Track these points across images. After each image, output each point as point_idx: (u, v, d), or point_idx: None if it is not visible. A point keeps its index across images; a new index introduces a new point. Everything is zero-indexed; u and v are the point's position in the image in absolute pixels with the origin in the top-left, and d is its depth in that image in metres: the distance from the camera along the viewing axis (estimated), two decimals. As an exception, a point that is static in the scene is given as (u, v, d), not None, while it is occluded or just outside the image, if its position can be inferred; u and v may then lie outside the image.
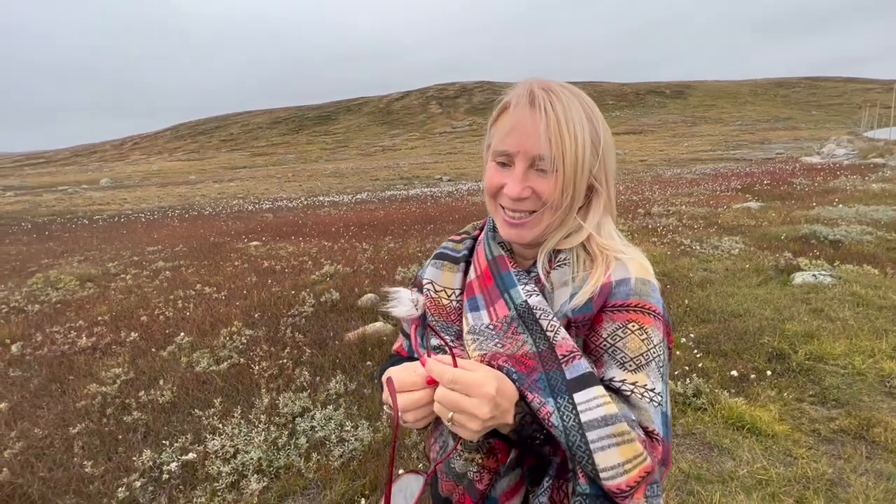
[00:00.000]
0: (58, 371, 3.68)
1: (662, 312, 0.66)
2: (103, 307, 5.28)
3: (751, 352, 3.15)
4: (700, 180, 15.59)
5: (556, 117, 0.63)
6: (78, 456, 2.55)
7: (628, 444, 0.56)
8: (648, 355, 0.63)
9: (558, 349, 0.61)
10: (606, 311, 0.65)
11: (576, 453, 0.57)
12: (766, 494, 1.85)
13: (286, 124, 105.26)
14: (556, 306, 0.66)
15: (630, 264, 0.67)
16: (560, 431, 0.57)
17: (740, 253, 5.82)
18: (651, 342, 0.64)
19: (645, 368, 0.63)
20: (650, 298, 0.65)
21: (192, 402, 3.02)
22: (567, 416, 0.57)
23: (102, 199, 23.23)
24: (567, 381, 0.59)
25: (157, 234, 11.43)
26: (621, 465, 0.56)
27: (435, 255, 0.82)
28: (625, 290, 0.65)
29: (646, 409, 0.61)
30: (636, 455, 0.57)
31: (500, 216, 0.70)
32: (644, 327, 0.64)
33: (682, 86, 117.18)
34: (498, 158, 0.68)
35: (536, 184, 0.65)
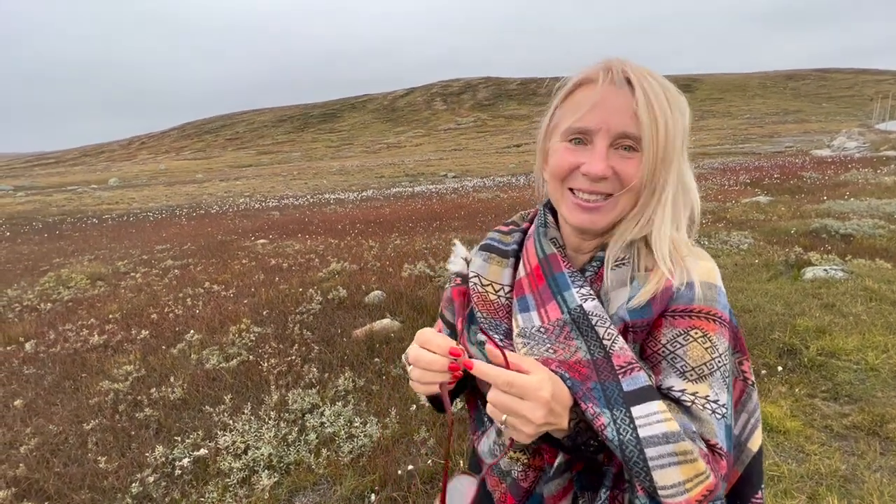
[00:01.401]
0: (71, 368, 3.73)
1: (730, 319, 0.63)
2: (114, 305, 5.34)
3: (761, 347, 3.12)
4: (708, 175, 15.43)
5: (650, 97, 0.59)
6: (92, 452, 2.59)
7: (690, 464, 0.54)
8: (712, 364, 0.60)
9: (615, 359, 0.58)
10: (667, 315, 0.62)
11: (633, 468, 0.54)
12: (779, 491, 1.84)
13: (291, 122, 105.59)
14: (612, 308, 0.62)
15: (695, 266, 0.63)
16: (616, 445, 0.55)
17: (749, 248, 5.76)
18: (716, 350, 0.60)
19: (708, 378, 0.59)
20: (716, 304, 0.62)
21: (202, 399, 3.05)
22: (623, 429, 0.55)
23: (111, 198, 23.47)
24: (624, 393, 0.56)
25: (166, 232, 11.53)
26: (682, 483, 0.53)
27: (481, 245, 0.77)
28: (689, 294, 0.61)
29: (708, 422, 0.58)
30: (698, 474, 0.54)
31: (568, 201, 0.65)
32: (708, 335, 0.60)
33: (690, 79, 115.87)
34: (573, 136, 0.63)
35: (618, 164, 0.61)
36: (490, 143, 55.26)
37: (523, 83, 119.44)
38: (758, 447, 0.67)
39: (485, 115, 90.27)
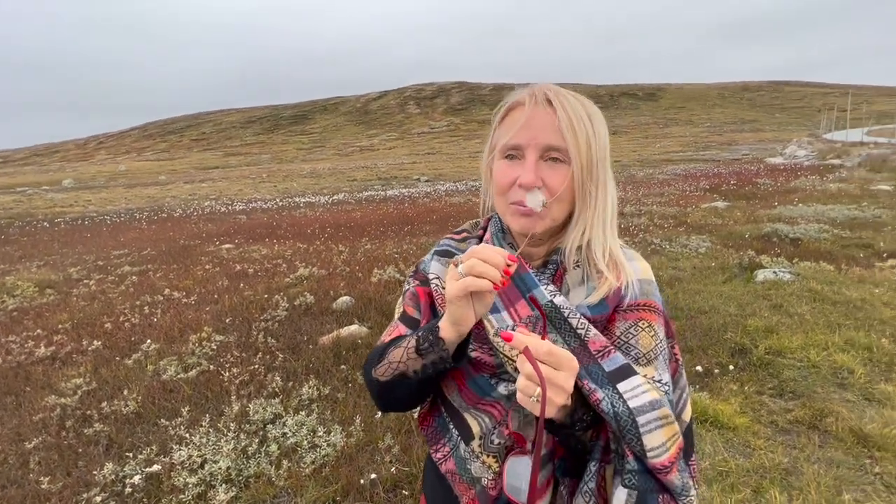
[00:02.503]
0: (13, 383, 3.50)
1: (662, 309, 0.72)
2: (64, 314, 5.05)
3: (715, 347, 3.27)
4: (671, 181, 16.05)
5: (569, 114, 0.67)
6: (34, 472, 2.43)
7: (670, 426, 0.62)
8: (657, 350, 0.68)
9: (591, 345, 0.65)
10: (619, 311, 0.69)
11: (626, 435, 0.61)
12: (726, 485, 1.93)
13: (261, 124, 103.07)
14: (572, 304, 0.69)
15: (636, 266, 0.72)
16: (611, 417, 0.61)
17: (707, 251, 6.02)
18: (658, 337, 0.69)
19: (654, 362, 0.68)
20: (653, 297, 0.71)
21: (158, 412, 2.92)
22: (616, 402, 0.61)
23: (65, 200, 22.23)
24: (607, 373, 0.63)
25: (124, 237, 11.02)
26: (664, 443, 0.61)
27: (437, 251, 0.81)
28: (634, 291, 0.70)
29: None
30: (675, 434, 0.62)
31: (509, 210, 0.71)
32: (652, 324, 0.69)
33: (654, 88, 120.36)
34: (508, 152, 0.70)
35: (547, 174, 0.68)
36: (463, 147, 55.63)
37: (496, 88, 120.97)
38: (689, 418, 0.74)
39: (458, 119, 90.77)
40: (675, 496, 0.62)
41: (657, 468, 0.61)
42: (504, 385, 0.70)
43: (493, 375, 0.71)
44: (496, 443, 0.69)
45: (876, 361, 2.89)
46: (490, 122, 0.76)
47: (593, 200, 0.69)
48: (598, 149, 0.68)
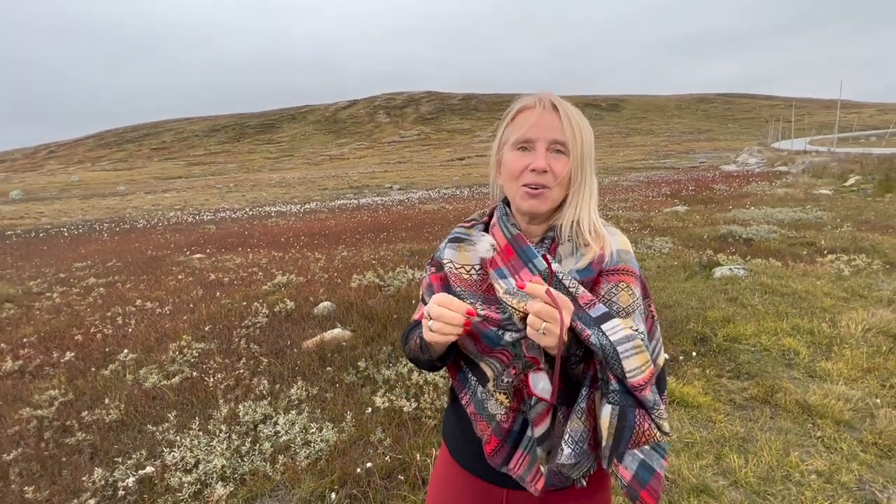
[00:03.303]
0: (-20, 398, 3.37)
1: (639, 273, 0.89)
2: (28, 328, 4.85)
3: (680, 337, 3.54)
4: (635, 187, 16.80)
5: (570, 117, 0.86)
6: (16, 483, 2.39)
7: (643, 353, 0.78)
8: (633, 305, 0.85)
9: (580, 299, 0.82)
10: (603, 274, 0.86)
11: (610, 361, 0.77)
12: (692, 454, 2.13)
13: (225, 132, 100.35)
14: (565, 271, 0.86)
15: (616, 238, 0.89)
16: (598, 348, 0.77)
17: (670, 252, 6.41)
18: (635, 295, 0.86)
19: (632, 315, 0.84)
20: (631, 263, 0.88)
21: (142, 419, 2.90)
22: (601, 337, 0.77)
23: (14, 212, 20.98)
24: (593, 318, 0.80)
25: (85, 249, 10.55)
26: (639, 367, 0.77)
27: (450, 238, 0.98)
28: (615, 258, 0.87)
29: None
30: (647, 360, 0.78)
31: (520, 193, 0.87)
32: (630, 285, 0.85)
33: (616, 99, 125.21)
34: (520, 145, 0.87)
35: (553, 162, 0.85)
36: (434, 155, 56.01)
37: (465, 98, 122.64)
38: (663, 362, 0.90)
39: (428, 128, 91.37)
40: (649, 410, 0.78)
41: (634, 386, 0.77)
42: (509, 334, 0.85)
43: (500, 328, 0.86)
44: (506, 382, 0.86)
45: (818, 343, 3.22)
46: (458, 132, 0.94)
47: (583, 186, 0.87)
48: (588, 146, 0.87)
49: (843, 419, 2.33)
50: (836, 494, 1.86)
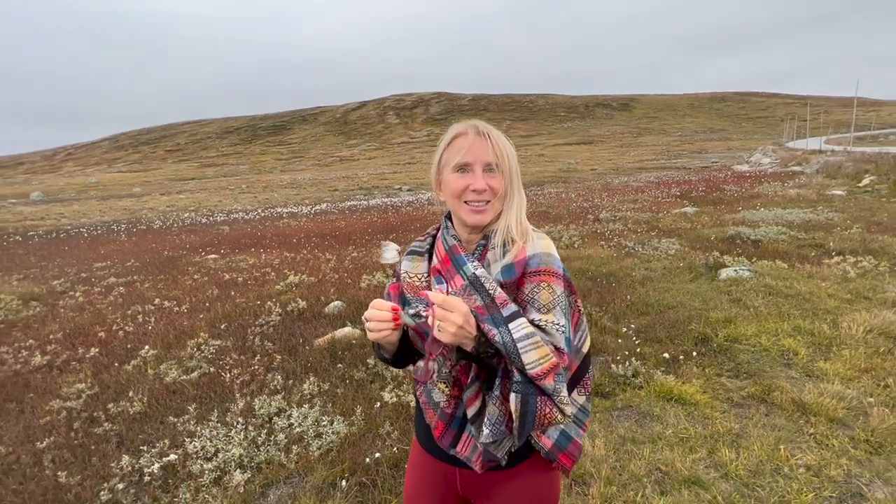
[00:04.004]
0: (12, 390, 3.57)
1: (563, 273, 1.00)
2: (54, 325, 5.08)
3: (681, 337, 3.61)
4: (644, 188, 16.74)
5: (497, 142, 1.02)
6: (49, 468, 2.56)
7: (540, 349, 0.90)
8: (554, 302, 0.97)
9: (497, 300, 0.95)
10: (525, 275, 0.99)
11: (511, 356, 0.90)
12: (686, 448, 2.22)
13: (238, 134, 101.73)
14: (493, 273, 1.01)
15: (538, 243, 1.01)
16: (501, 345, 0.91)
17: (676, 253, 6.44)
18: (555, 293, 0.98)
19: (553, 310, 0.96)
20: (553, 265, 0.99)
21: (164, 411, 3.07)
22: (505, 335, 0.91)
23: (35, 213, 21.59)
24: (504, 317, 0.93)
25: (104, 249, 10.89)
26: (537, 360, 0.89)
27: (408, 252, 1.15)
28: (536, 260, 0.99)
29: (554, 335, 0.95)
30: (545, 355, 0.90)
31: (464, 210, 1.02)
32: (551, 284, 0.98)
33: (628, 99, 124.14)
34: (459, 168, 1.02)
35: (490, 181, 1.01)
36: (443, 156, 56.33)
37: (475, 99, 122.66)
38: (587, 350, 1.08)
39: (438, 129, 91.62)
40: (550, 396, 0.90)
41: (533, 377, 0.89)
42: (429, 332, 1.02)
43: None
44: (444, 373, 1.00)
45: (818, 344, 3.27)
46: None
47: (513, 198, 1.03)
48: (514, 164, 1.03)
49: (836, 417, 2.39)
50: (822, 487, 1.93)
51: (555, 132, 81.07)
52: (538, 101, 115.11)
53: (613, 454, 2.23)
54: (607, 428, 2.49)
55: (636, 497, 1.94)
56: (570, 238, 7.87)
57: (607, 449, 2.26)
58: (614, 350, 3.48)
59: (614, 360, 3.25)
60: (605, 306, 4.46)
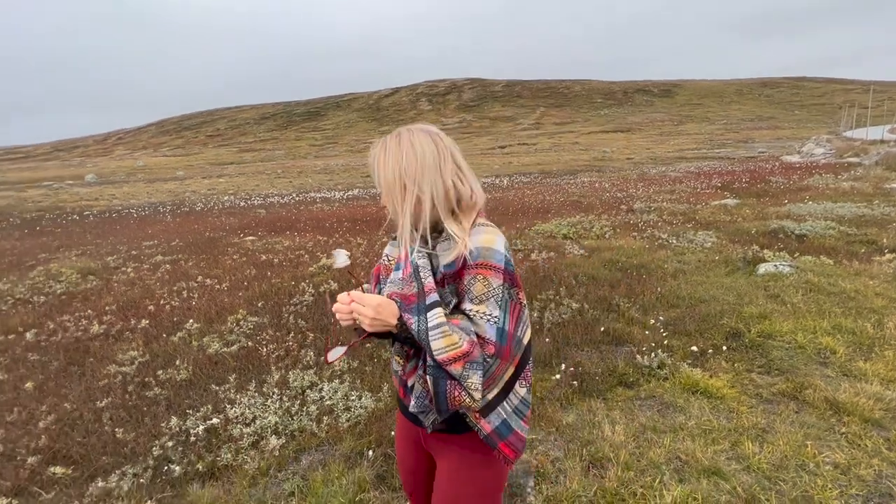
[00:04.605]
0: (74, 355, 3.92)
1: (503, 267, 1.05)
2: (109, 298, 5.49)
3: (711, 331, 3.54)
4: (683, 178, 16.11)
5: (373, 161, 1.10)
6: (108, 425, 2.83)
7: (448, 337, 0.98)
8: (488, 294, 1.03)
9: (425, 289, 1.04)
10: (466, 268, 1.05)
11: (423, 341, 1.01)
12: (708, 440, 2.22)
13: (274, 120, 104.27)
14: (439, 264, 1.09)
15: (479, 237, 1.06)
16: (416, 332, 1.03)
17: (713, 246, 6.24)
18: (491, 286, 1.03)
19: (486, 302, 1.03)
20: (491, 259, 1.04)
21: (207, 380, 3.30)
22: (422, 323, 1.02)
23: (90, 194, 23.03)
24: (425, 305, 1.03)
25: (151, 229, 11.54)
26: (443, 348, 0.98)
27: (392, 238, 1.26)
28: (475, 254, 1.04)
29: (481, 325, 1.03)
30: (451, 343, 0.98)
31: None
32: (487, 277, 1.04)
33: (670, 84, 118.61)
34: None
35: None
36: (475, 144, 55.73)
37: (508, 85, 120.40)
38: (527, 340, 1.12)
39: (470, 115, 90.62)
40: (458, 380, 0.99)
41: (440, 362, 0.98)
42: None
43: None
44: (396, 348, 1.18)
45: (858, 344, 3.14)
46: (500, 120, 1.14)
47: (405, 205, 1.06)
48: (391, 174, 1.06)
49: (871, 418, 2.32)
50: (849, 485, 1.90)
51: (591, 119, 78.73)
52: (574, 87, 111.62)
53: (633, 441, 2.25)
54: (628, 416, 2.51)
55: (653, 483, 1.97)
56: (601, 228, 7.73)
57: (626, 435, 2.28)
58: (640, 341, 3.46)
59: (640, 351, 3.24)
60: (633, 298, 4.41)
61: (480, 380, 0.99)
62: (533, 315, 4.11)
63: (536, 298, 4.48)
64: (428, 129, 1.11)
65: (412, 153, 1.06)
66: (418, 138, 1.07)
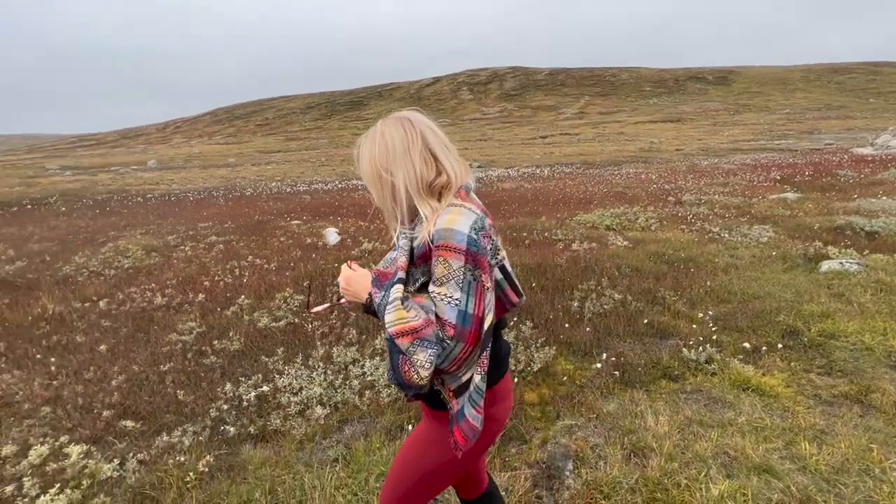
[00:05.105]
0: (141, 323, 4.26)
1: (465, 248, 1.04)
2: (169, 273, 5.90)
3: (766, 328, 3.35)
4: (738, 170, 15.18)
5: (355, 156, 1.17)
6: (170, 387, 3.06)
7: (397, 311, 1.04)
8: (448, 276, 1.04)
9: (397, 267, 1.11)
10: (432, 249, 1.07)
11: (380, 314, 1.09)
12: (760, 437, 2.12)
13: (318, 109, 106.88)
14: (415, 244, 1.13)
15: (442, 219, 1.06)
16: (377, 305, 1.11)
17: (769, 241, 5.87)
18: (451, 268, 1.04)
19: (446, 284, 1.04)
20: (451, 240, 1.04)
21: (257, 351, 3.50)
22: (384, 297, 1.09)
23: (151, 179, 24.64)
24: (392, 282, 1.10)
25: (206, 211, 12.22)
26: (391, 322, 1.04)
27: None
28: (437, 236, 1.05)
29: (441, 307, 1.04)
30: (399, 318, 1.04)
31: None
32: (447, 259, 1.04)
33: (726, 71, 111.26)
34: None
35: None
36: (515, 133, 54.81)
37: (552, 73, 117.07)
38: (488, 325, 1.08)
39: (511, 105, 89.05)
40: (404, 352, 1.03)
41: (390, 335, 1.04)
42: None
43: None
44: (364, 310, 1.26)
45: (936, 348, 2.88)
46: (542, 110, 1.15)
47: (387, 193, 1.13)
48: (370, 166, 1.13)
49: (949, 426, 2.13)
50: (920, 494, 1.77)
51: (638, 109, 75.36)
52: (621, 74, 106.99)
53: (677, 433, 2.19)
54: (672, 408, 2.44)
55: (699, 475, 1.91)
56: (646, 220, 7.45)
57: (671, 427, 2.22)
58: (687, 335, 3.33)
59: (686, 345, 3.12)
60: (680, 291, 4.24)
61: (429, 358, 1.00)
62: (573, 305, 4.04)
63: (577, 288, 4.41)
64: (401, 115, 1.14)
65: (383, 143, 1.11)
66: (389, 127, 1.12)
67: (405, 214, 1.11)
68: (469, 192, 1.15)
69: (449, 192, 1.11)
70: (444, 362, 1.02)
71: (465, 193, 1.13)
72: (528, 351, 3.16)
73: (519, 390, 2.75)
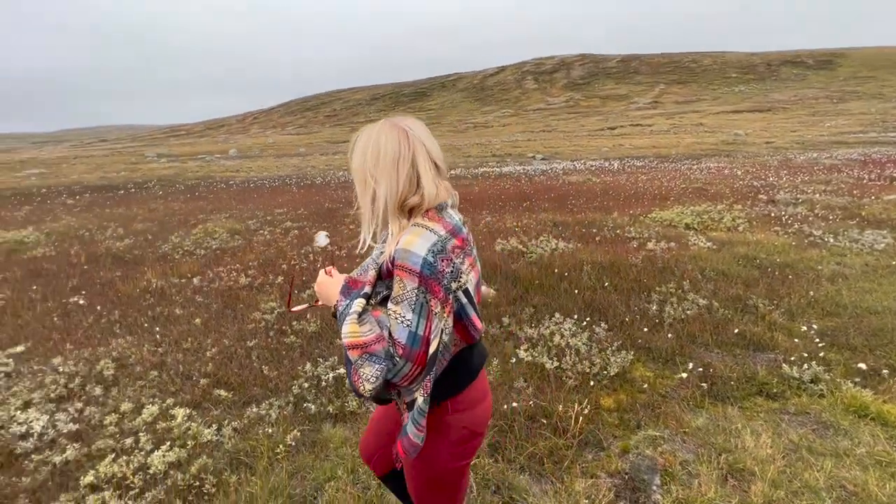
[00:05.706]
0: (228, 300, 4.62)
1: (419, 271, 1.05)
2: (251, 255, 6.34)
3: (885, 348, 2.94)
4: (842, 166, 13.47)
5: (350, 146, 1.17)
6: (256, 362, 3.29)
7: (353, 324, 1.07)
8: (403, 296, 1.06)
9: (367, 280, 1.14)
10: (392, 267, 1.09)
11: (339, 322, 1.12)
12: (885, 473, 1.86)
13: (383, 101, 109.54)
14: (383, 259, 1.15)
15: (402, 240, 1.08)
16: (338, 314, 1.14)
17: (887, 248, 5.16)
18: (406, 288, 1.05)
19: (401, 303, 1.06)
20: (408, 261, 1.05)
21: (333, 334, 3.66)
22: (345, 308, 1.11)
23: (232, 167, 26.68)
24: (356, 294, 1.12)
25: (281, 198, 13.02)
26: (345, 333, 1.07)
27: None
28: (396, 255, 1.07)
29: (393, 325, 1.06)
30: (354, 331, 1.06)
31: None
32: (402, 279, 1.06)
33: (829, 54, 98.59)
34: None
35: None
36: (581, 124, 52.61)
37: (624, 60, 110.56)
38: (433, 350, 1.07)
39: (578, 94, 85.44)
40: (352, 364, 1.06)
41: (345, 345, 1.06)
42: None
43: None
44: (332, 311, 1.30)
45: None
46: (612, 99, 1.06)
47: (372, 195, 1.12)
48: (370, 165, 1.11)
49: None
50: None
51: (721, 97, 69.19)
52: (703, 59, 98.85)
53: (782, 457, 1.98)
54: (774, 430, 2.21)
55: (810, 509, 1.72)
56: (732, 220, 6.84)
57: (774, 450, 2.02)
58: (787, 350, 3.01)
59: (787, 361, 2.82)
60: (776, 300, 3.85)
61: (375, 373, 1.04)
62: (651, 308, 3.81)
63: (655, 291, 4.14)
64: (403, 124, 1.12)
65: (376, 148, 1.11)
66: (388, 134, 1.11)
67: (379, 223, 1.14)
68: (442, 210, 1.14)
69: (419, 211, 1.12)
70: (395, 377, 1.07)
71: (436, 212, 1.13)
72: (602, 354, 3.02)
73: (594, 394, 2.64)
